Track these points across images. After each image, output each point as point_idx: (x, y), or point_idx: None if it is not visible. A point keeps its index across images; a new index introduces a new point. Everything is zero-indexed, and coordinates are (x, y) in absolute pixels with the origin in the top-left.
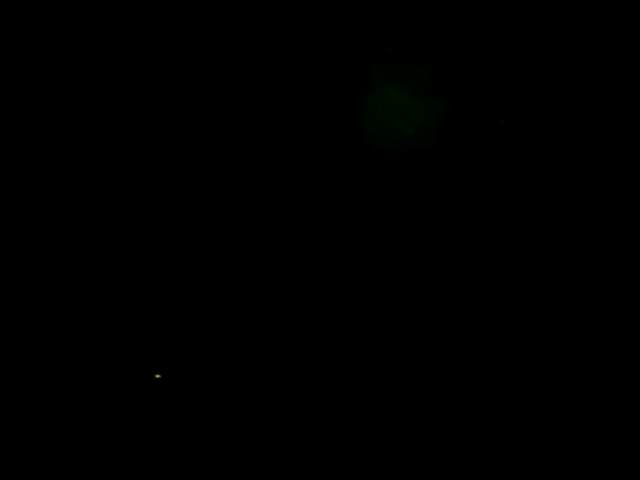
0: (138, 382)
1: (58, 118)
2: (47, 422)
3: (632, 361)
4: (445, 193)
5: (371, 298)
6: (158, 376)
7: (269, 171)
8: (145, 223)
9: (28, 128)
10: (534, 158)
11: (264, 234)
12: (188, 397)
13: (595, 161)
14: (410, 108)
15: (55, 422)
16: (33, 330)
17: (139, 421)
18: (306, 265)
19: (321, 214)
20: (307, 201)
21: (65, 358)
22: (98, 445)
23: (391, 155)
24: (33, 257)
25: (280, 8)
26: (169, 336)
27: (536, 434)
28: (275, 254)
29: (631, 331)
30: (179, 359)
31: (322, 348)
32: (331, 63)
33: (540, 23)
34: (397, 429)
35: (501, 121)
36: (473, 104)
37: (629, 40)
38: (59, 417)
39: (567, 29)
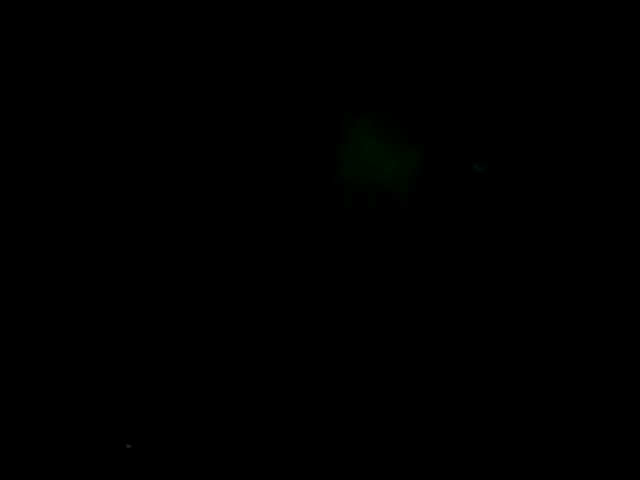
0: (138, 382)
1: (58, 118)
2: (47, 422)
3: (632, 361)
4: (425, 246)
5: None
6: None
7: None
8: (140, 222)
9: (28, 128)
10: (516, 207)
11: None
12: (187, 397)
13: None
14: (385, 159)
15: (55, 422)
16: (33, 330)
17: (139, 421)
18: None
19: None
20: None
21: (65, 358)
22: (98, 445)
23: (366, 210)
24: (33, 257)
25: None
26: (168, 336)
27: (536, 434)
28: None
29: (631, 331)
30: (178, 359)
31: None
32: (303, 110)
33: (512, 65)
34: (397, 429)
35: (475, 166)
36: (448, 153)
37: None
38: (59, 417)
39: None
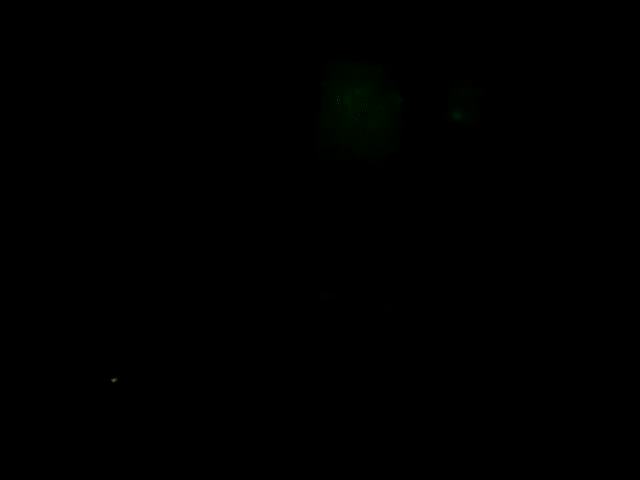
0: (137, 382)
1: (58, 118)
2: (47, 422)
3: (632, 361)
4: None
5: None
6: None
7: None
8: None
9: (28, 128)
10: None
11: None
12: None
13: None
14: (365, 111)
15: (55, 422)
16: (33, 330)
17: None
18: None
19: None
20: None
21: (65, 358)
22: (98, 445)
23: (347, 163)
24: (33, 257)
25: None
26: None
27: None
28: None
29: (631, 331)
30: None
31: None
32: (285, 65)
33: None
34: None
35: (455, 115)
36: (427, 103)
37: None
38: (59, 417)
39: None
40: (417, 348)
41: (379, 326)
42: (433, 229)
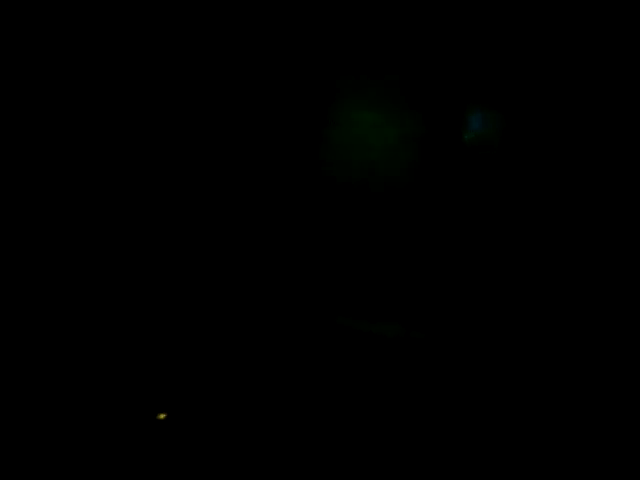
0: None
1: (58, 118)
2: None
3: (632, 361)
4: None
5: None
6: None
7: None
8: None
9: (28, 128)
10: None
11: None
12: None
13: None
14: (378, 129)
15: (54, 422)
16: (33, 330)
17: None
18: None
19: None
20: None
21: (65, 358)
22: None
23: (357, 182)
24: (33, 257)
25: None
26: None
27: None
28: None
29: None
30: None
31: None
32: (296, 80)
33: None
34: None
35: (467, 135)
36: (442, 122)
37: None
38: (59, 417)
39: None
40: (429, 371)
41: (392, 352)
42: (450, 250)
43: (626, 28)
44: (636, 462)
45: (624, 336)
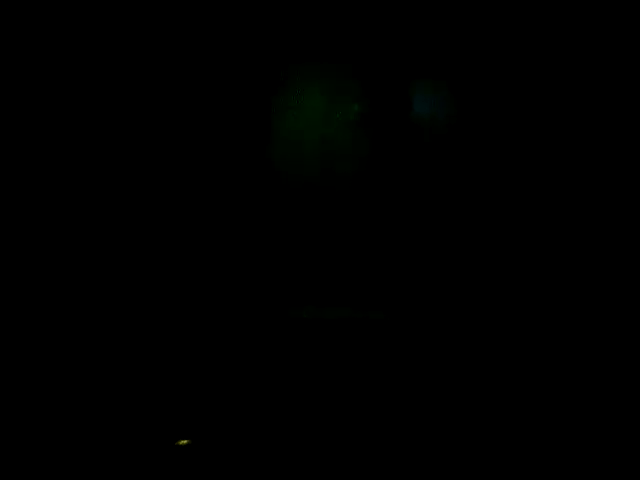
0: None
1: (58, 118)
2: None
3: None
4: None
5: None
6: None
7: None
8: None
9: (28, 128)
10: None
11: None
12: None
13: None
14: (327, 116)
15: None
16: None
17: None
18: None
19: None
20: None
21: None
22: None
23: (306, 170)
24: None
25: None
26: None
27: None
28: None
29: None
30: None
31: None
32: (242, 66)
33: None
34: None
35: (418, 116)
36: (389, 104)
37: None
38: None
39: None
40: (398, 356)
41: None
42: (406, 232)
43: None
44: (636, 462)
45: (593, 306)
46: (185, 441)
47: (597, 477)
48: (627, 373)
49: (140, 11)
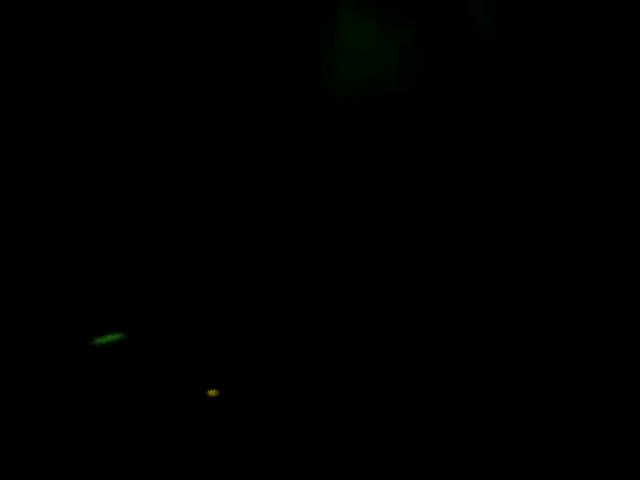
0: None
1: (58, 118)
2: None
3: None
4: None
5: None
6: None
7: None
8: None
9: (28, 128)
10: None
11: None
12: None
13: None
14: (375, 40)
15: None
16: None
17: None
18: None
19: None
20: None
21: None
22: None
23: (359, 96)
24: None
25: None
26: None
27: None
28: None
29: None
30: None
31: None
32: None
33: None
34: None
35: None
36: (444, 29)
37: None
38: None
39: None
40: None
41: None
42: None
43: None
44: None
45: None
46: (214, 391)
47: (597, 477)
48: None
49: None
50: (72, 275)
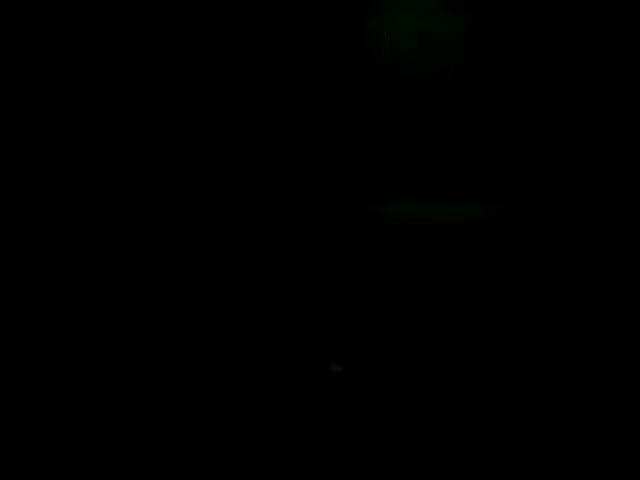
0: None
1: (58, 118)
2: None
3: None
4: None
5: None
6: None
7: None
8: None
9: (28, 128)
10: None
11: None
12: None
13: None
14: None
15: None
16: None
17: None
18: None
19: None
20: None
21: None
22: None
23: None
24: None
25: None
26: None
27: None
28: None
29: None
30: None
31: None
32: None
33: None
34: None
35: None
36: (496, 18)
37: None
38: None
39: None
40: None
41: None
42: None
43: None
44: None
45: None
46: (337, 367)
47: (597, 477)
48: None
49: None
50: (72, 275)
